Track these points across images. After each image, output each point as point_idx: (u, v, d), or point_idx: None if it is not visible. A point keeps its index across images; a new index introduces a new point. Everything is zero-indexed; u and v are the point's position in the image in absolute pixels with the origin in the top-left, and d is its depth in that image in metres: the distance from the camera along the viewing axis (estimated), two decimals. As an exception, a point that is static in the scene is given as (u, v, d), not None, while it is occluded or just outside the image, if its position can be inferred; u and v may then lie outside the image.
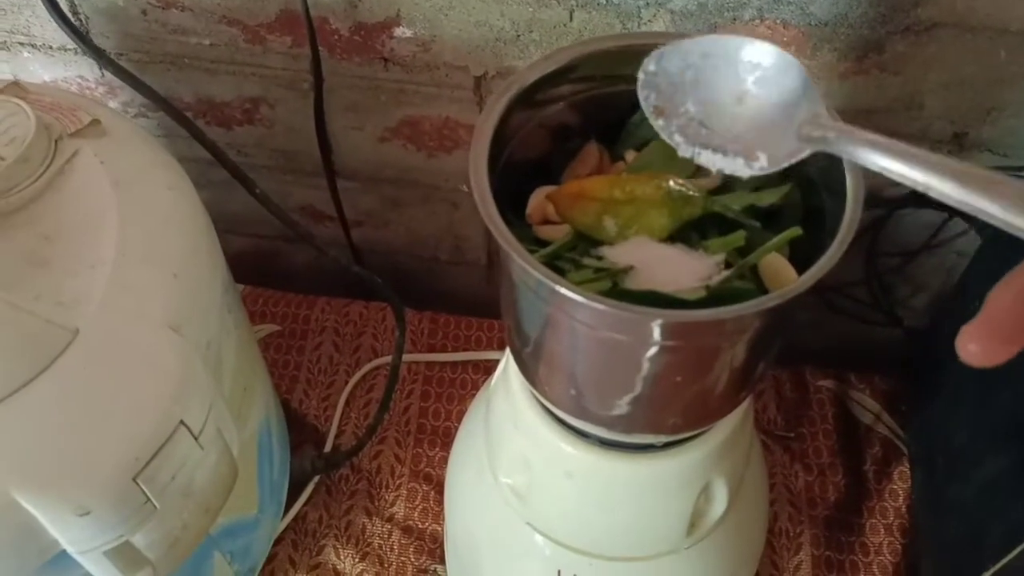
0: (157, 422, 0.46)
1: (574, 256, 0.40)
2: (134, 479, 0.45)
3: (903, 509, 0.71)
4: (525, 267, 0.35)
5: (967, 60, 0.60)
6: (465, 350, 0.82)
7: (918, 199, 0.67)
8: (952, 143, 0.65)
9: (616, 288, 0.38)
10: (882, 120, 0.65)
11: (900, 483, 0.73)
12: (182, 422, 0.47)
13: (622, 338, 0.36)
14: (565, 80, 0.42)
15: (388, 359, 0.81)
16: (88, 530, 0.45)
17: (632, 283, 0.38)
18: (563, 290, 0.34)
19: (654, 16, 0.61)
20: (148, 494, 0.46)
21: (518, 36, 0.65)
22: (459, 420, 0.78)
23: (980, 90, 0.61)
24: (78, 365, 0.45)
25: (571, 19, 0.63)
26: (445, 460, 0.76)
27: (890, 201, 0.69)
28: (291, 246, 0.90)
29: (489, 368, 0.81)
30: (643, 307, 0.34)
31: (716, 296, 0.36)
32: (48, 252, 0.50)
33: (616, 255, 0.39)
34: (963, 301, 0.67)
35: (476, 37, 0.65)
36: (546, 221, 0.43)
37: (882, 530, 0.71)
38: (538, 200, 0.43)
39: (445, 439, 0.78)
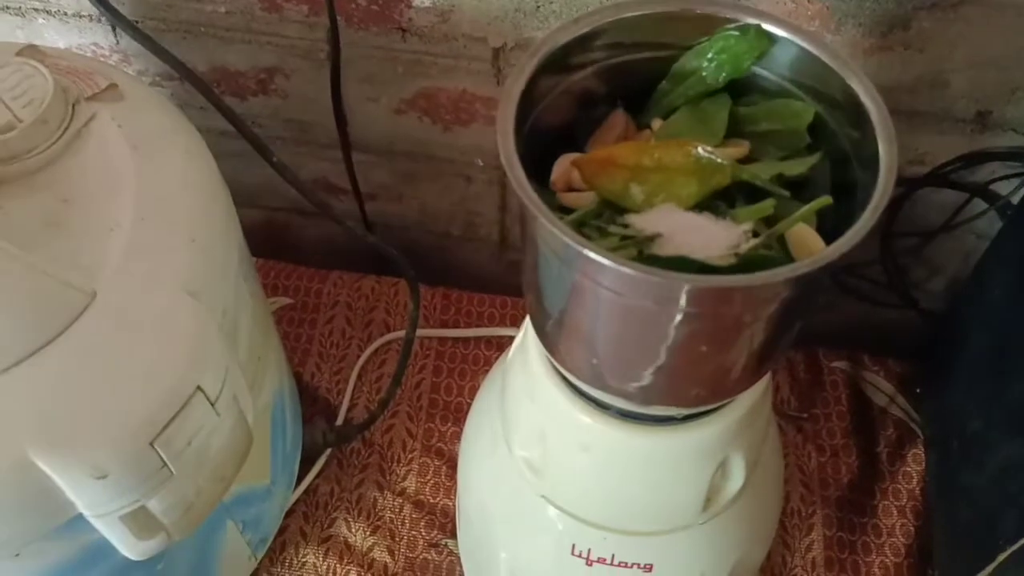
0: (174, 387, 0.46)
1: (600, 223, 0.40)
2: (151, 443, 0.45)
3: (916, 491, 0.71)
4: (553, 231, 0.34)
5: (993, 38, 0.59)
6: (478, 326, 0.82)
7: (937, 179, 0.67)
8: (975, 122, 0.64)
9: (642, 255, 0.38)
10: (906, 98, 0.64)
11: (914, 465, 0.73)
12: (199, 387, 0.46)
13: (649, 305, 0.36)
14: (593, 45, 0.42)
15: (400, 334, 0.81)
16: (105, 493, 0.44)
17: (659, 251, 0.38)
18: (593, 254, 0.33)
19: (677, -12, 0.60)
20: (165, 459, 0.46)
21: (538, 7, 0.64)
22: (471, 396, 0.78)
23: (1006, 69, 0.61)
24: (96, 328, 0.45)
25: (593, -11, 0.62)
26: (457, 435, 0.76)
27: (908, 181, 0.68)
28: (304, 219, 0.90)
29: (502, 345, 0.81)
30: (673, 272, 0.33)
31: (746, 264, 0.36)
32: (66, 215, 0.50)
33: (643, 223, 0.38)
34: (981, 285, 0.67)
35: (495, 8, 0.65)
36: (570, 188, 0.42)
37: (895, 512, 0.71)
38: (563, 167, 0.42)
39: (457, 414, 0.77)
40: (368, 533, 0.71)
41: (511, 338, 0.80)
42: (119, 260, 0.48)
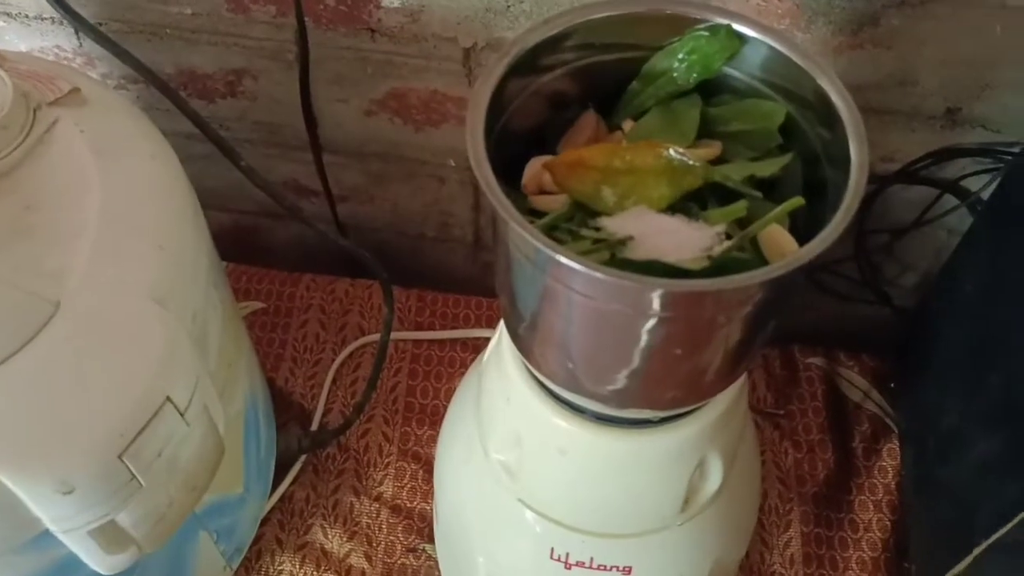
0: (143, 398, 0.45)
1: (571, 227, 0.39)
2: (119, 456, 0.44)
3: (892, 486, 0.72)
4: (524, 236, 0.34)
5: (962, 35, 0.59)
6: (453, 328, 0.81)
7: (908, 176, 0.67)
8: (945, 118, 0.65)
9: (615, 259, 0.37)
10: (875, 95, 0.64)
11: (889, 460, 0.73)
12: (168, 398, 0.46)
13: (623, 309, 0.35)
14: (563, 47, 0.41)
15: (375, 337, 0.80)
16: (72, 508, 0.43)
17: (631, 254, 0.37)
18: (564, 259, 0.33)
19: (648, -13, 0.60)
20: (133, 471, 0.45)
21: (508, 6, 0.64)
22: (447, 399, 0.78)
23: (975, 66, 0.61)
24: (61, 338, 0.44)
25: (563, -11, 0.62)
26: (433, 439, 0.75)
27: (879, 178, 0.68)
28: (273, 222, 0.89)
29: (477, 347, 0.80)
30: (646, 276, 0.33)
31: (719, 266, 0.35)
32: (29, 222, 0.49)
33: (615, 225, 0.38)
34: (953, 281, 0.67)
35: (465, 7, 0.64)
36: (542, 191, 0.42)
37: (871, 507, 0.71)
38: (534, 170, 0.42)
39: (433, 418, 0.77)
40: (345, 539, 0.70)
41: (487, 340, 0.80)
42: (84, 268, 0.47)
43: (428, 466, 0.74)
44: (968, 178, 0.65)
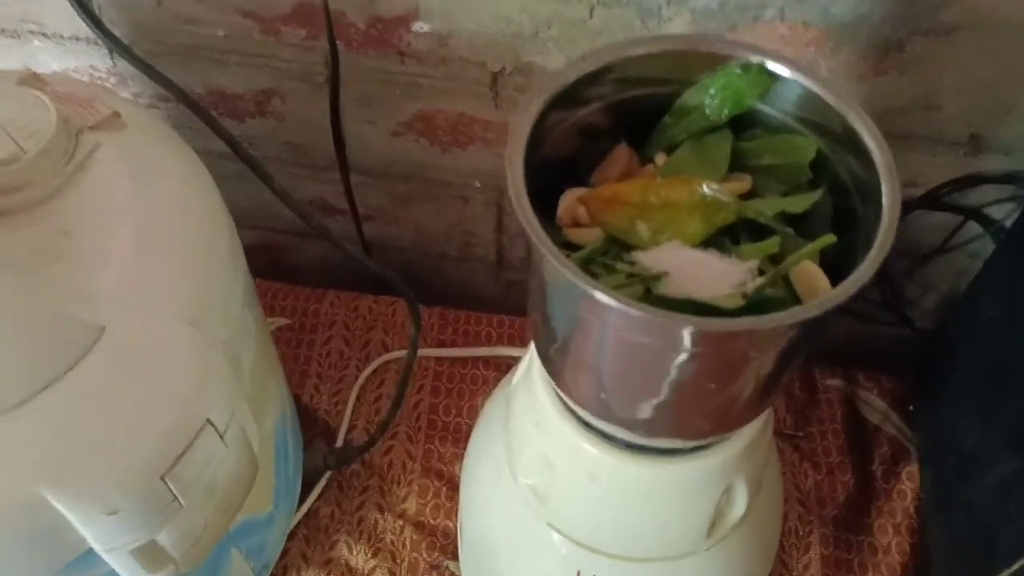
0: (184, 420, 0.46)
1: (606, 260, 0.40)
2: (162, 478, 0.45)
3: (911, 509, 0.72)
4: (563, 272, 0.35)
5: (986, 62, 0.60)
6: (475, 346, 0.82)
7: (931, 201, 0.68)
8: (968, 144, 0.65)
9: (649, 294, 0.38)
10: (899, 120, 0.65)
11: (908, 483, 0.73)
12: (208, 420, 0.47)
13: (658, 345, 0.36)
14: (600, 82, 0.42)
15: (398, 354, 0.81)
16: (116, 528, 0.45)
17: (665, 289, 0.38)
18: (602, 295, 0.34)
19: (675, 14, 0.61)
20: (175, 492, 0.46)
21: (537, 32, 0.65)
22: (470, 416, 0.79)
23: (998, 92, 0.62)
24: (105, 362, 0.45)
25: (591, 16, 0.63)
26: (456, 456, 0.76)
27: (903, 203, 0.69)
28: (299, 240, 0.90)
29: (499, 364, 0.81)
30: (684, 315, 0.34)
31: (752, 304, 0.36)
32: (69, 247, 0.50)
33: (649, 260, 0.39)
34: (974, 306, 0.68)
35: (494, 32, 0.65)
36: (576, 223, 0.42)
37: (891, 530, 0.71)
38: (568, 202, 0.43)
39: (456, 435, 0.78)
40: (369, 556, 0.71)
41: (509, 358, 0.81)
42: (124, 293, 0.48)
43: (451, 483, 0.75)
44: (991, 205, 0.65)
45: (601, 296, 0.34)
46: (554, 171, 0.44)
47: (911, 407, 0.76)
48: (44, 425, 0.43)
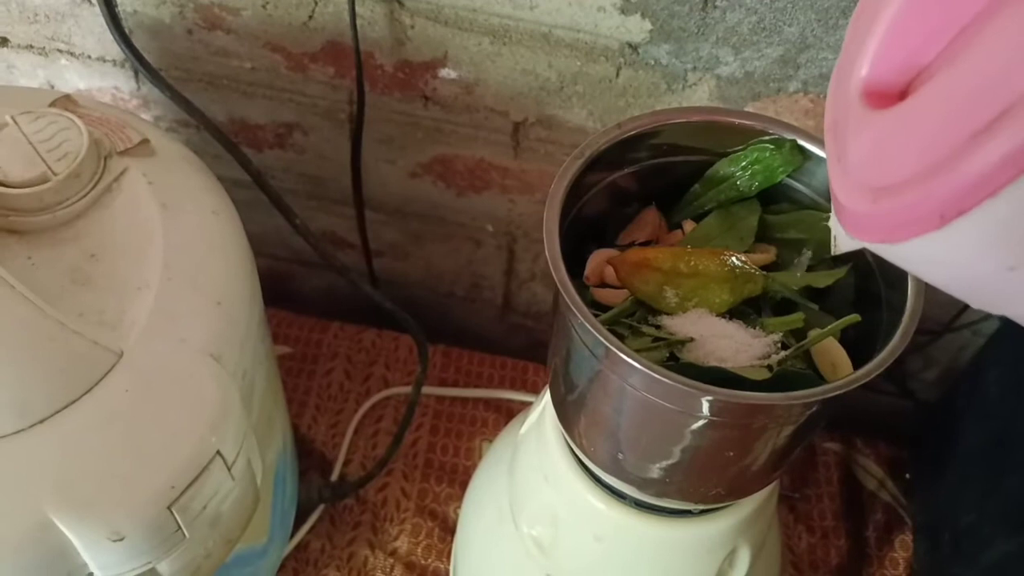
0: (195, 452, 0.46)
1: (632, 322, 0.41)
2: (169, 507, 0.45)
3: (903, 578, 0.72)
4: (593, 332, 0.35)
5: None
6: (477, 386, 0.83)
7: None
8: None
9: (673, 358, 0.39)
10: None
11: (901, 551, 0.74)
12: (218, 452, 0.47)
13: (682, 411, 0.37)
14: (633, 148, 0.43)
15: (399, 390, 0.81)
16: (119, 556, 0.44)
17: (690, 355, 0.39)
18: (637, 364, 0.34)
19: (700, 80, 0.63)
20: (180, 523, 0.46)
21: (562, 87, 0.66)
22: (467, 457, 0.79)
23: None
24: (121, 388, 0.45)
25: (617, 76, 0.64)
26: (452, 497, 0.76)
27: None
28: (305, 269, 0.90)
29: (500, 407, 0.81)
30: (710, 385, 0.34)
31: (778, 377, 0.37)
32: (93, 270, 0.50)
33: (676, 326, 0.40)
34: (977, 381, 0.69)
35: (521, 84, 0.66)
36: (603, 283, 0.43)
37: (881, 598, 0.72)
38: (597, 262, 0.43)
39: (452, 475, 0.78)
40: (359, 593, 0.71)
41: (510, 401, 0.81)
42: (145, 320, 0.48)
43: (445, 524, 0.75)
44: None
45: (634, 363, 0.35)
46: (582, 231, 0.45)
47: (907, 475, 0.77)
48: (56, 448, 0.43)
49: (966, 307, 0.68)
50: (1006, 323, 0.66)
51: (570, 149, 0.45)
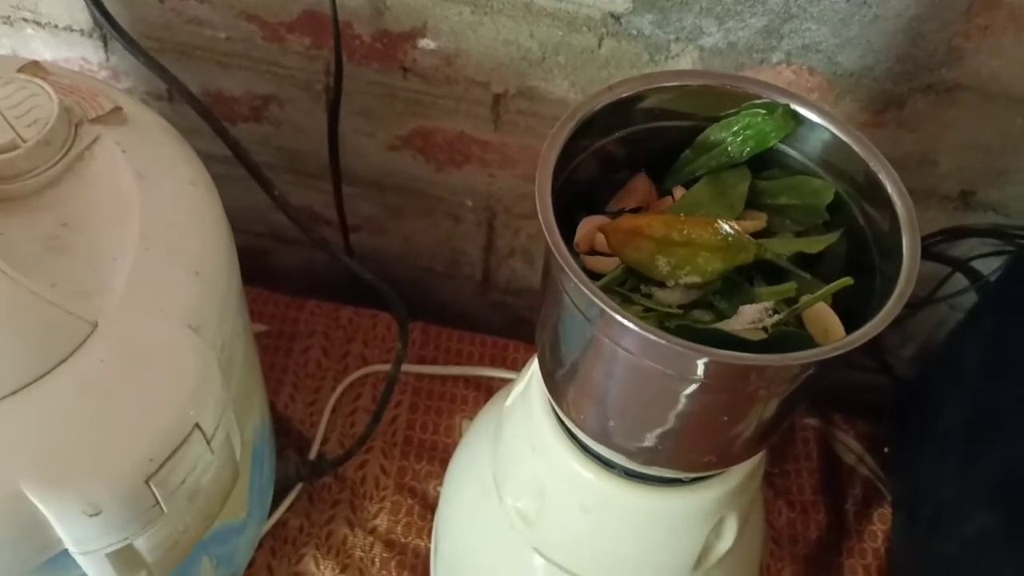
0: (173, 424, 0.45)
1: (623, 291, 0.40)
2: (146, 481, 0.44)
3: (881, 551, 0.73)
4: (590, 296, 0.35)
5: (984, 124, 0.61)
6: (457, 363, 0.82)
7: (921, 252, 0.69)
8: (958, 200, 0.67)
9: (663, 327, 0.38)
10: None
11: (880, 525, 0.74)
12: (197, 425, 0.46)
13: (676, 375, 0.36)
14: (624, 112, 0.42)
15: (377, 368, 0.80)
16: (95, 531, 0.43)
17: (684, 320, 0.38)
18: (633, 326, 0.34)
19: (683, 51, 0.62)
20: (158, 497, 0.45)
21: (544, 58, 0.65)
22: (447, 434, 0.78)
23: (993, 154, 0.63)
24: (97, 359, 0.44)
25: (599, 46, 0.63)
26: (431, 474, 0.75)
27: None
28: (281, 246, 0.89)
29: (480, 384, 0.81)
30: (704, 345, 0.34)
31: (773, 339, 0.36)
32: (67, 239, 0.49)
33: (667, 295, 0.39)
34: (955, 356, 0.69)
35: (501, 55, 0.65)
36: (593, 251, 0.43)
37: (860, 571, 0.72)
38: (587, 230, 0.43)
39: (431, 452, 0.77)
40: (337, 571, 0.70)
41: (490, 378, 0.81)
42: (122, 290, 0.47)
43: (424, 501, 0.74)
44: (977, 259, 0.67)
45: (627, 323, 0.34)
46: (571, 197, 0.44)
47: (886, 450, 0.77)
48: (29, 420, 0.42)
49: (945, 280, 0.69)
50: (983, 297, 0.67)
51: (551, 122, 0.44)
